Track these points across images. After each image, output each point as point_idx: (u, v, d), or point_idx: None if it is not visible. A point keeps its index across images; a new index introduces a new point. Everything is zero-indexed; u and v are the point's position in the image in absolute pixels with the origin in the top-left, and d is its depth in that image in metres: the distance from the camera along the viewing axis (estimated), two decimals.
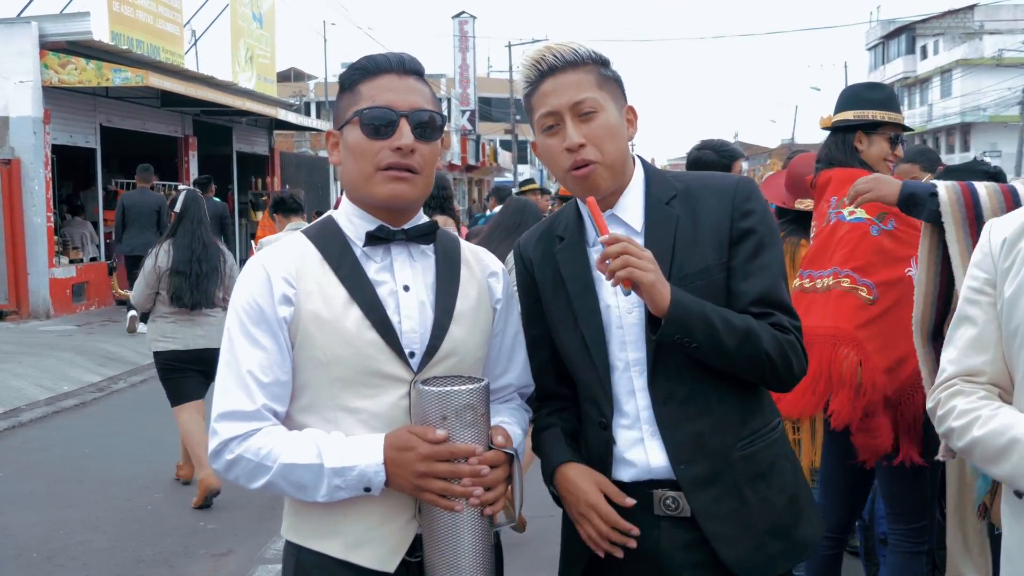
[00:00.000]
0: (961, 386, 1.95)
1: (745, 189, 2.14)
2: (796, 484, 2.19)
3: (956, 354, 1.99)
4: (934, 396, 2.01)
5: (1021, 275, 1.89)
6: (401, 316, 2.01)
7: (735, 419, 2.11)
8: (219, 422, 1.96)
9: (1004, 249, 1.94)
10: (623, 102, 2.16)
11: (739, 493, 2.09)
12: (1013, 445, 1.79)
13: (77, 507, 6.25)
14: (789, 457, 2.21)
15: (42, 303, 14.24)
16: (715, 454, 2.09)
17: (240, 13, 21.95)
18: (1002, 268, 1.93)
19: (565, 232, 2.23)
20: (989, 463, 1.86)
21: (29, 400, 9.39)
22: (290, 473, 1.93)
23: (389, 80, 2.02)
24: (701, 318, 1.98)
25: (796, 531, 2.15)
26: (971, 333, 1.97)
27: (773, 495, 2.12)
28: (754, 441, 2.13)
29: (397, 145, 1.97)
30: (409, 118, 1.99)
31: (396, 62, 2.03)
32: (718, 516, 2.08)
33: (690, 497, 2.08)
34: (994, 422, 1.84)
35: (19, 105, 14.09)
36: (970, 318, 1.98)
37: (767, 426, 2.17)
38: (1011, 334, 1.89)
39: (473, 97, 45.03)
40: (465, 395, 1.93)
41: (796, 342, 2.08)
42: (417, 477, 1.91)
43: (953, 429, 1.93)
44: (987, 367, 1.94)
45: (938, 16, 55.64)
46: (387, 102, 1.99)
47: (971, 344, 1.96)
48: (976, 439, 1.87)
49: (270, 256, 2.04)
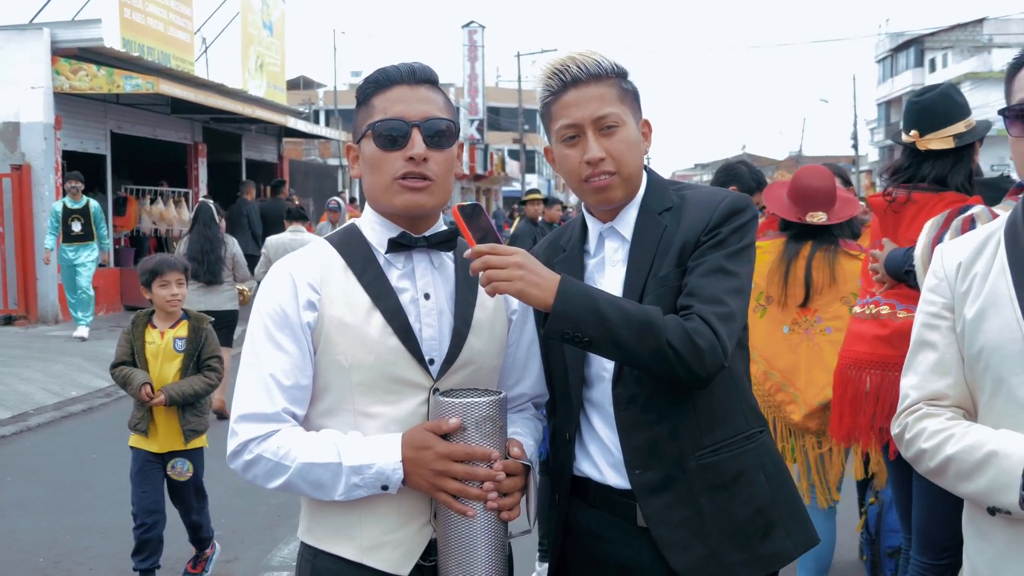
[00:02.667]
0: (927, 409, 1.95)
1: (727, 207, 2.10)
2: (772, 496, 2.15)
3: (918, 379, 1.98)
4: (900, 421, 1.99)
5: (981, 298, 1.89)
6: (422, 324, 2.04)
7: (696, 427, 2.09)
8: (239, 423, 1.99)
9: (960, 273, 1.95)
10: (640, 115, 2.18)
11: (694, 502, 2.08)
12: (989, 459, 1.78)
13: (84, 512, 6.25)
14: (767, 467, 2.17)
15: (51, 308, 14.27)
16: (670, 461, 2.08)
17: (250, 21, 22.02)
18: (959, 292, 1.94)
19: (568, 244, 2.25)
20: (964, 479, 1.84)
21: (37, 405, 9.41)
22: (308, 472, 1.95)
23: (400, 91, 2.04)
24: (591, 312, 1.93)
25: (764, 543, 2.12)
26: (932, 358, 1.97)
27: (735, 506, 2.10)
28: (718, 450, 2.10)
29: (410, 155, 2.00)
30: (421, 127, 2.01)
31: (407, 72, 2.06)
32: (670, 523, 2.07)
33: (642, 503, 2.08)
34: (968, 438, 1.84)
35: (30, 111, 14.15)
36: (930, 343, 1.98)
37: (738, 435, 2.14)
38: (974, 357, 1.90)
39: (482, 106, 45.13)
40: (485, 407, 1.95)
41: (706, 329, 1.96)
42: (434, 476, 1.92)
43: (924, 450, 1.91)
44: (950, 391, 1.94)
45: (947, 29, 55.63)
46: (398, 113, 2.02)
47: (933, 369, 1.96)
48: (950, 456, 1.86)
49: (295, 262, 2.07)
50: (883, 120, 62.96)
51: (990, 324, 1.87)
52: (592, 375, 2.17)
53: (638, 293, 2.08)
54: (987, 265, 1.92)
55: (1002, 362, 1.84)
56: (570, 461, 2.20)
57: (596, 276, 2.19)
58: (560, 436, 2.23)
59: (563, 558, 2.26)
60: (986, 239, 1.97)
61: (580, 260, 2.21)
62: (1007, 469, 1.75)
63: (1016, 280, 1.86)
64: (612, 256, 2.18)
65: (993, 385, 1.87)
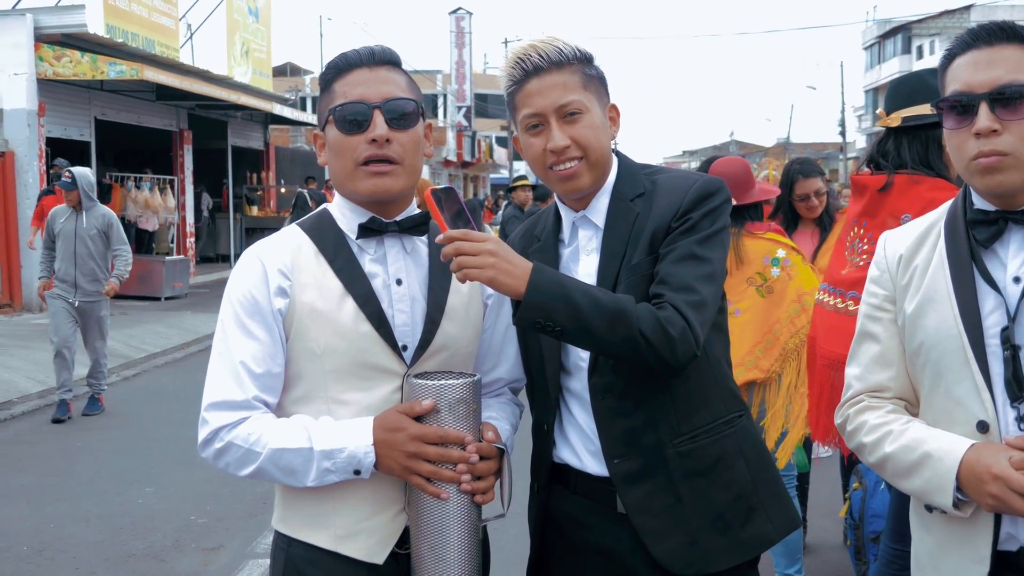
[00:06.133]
0: (869, 401, 1.96)
1: (697, 191, 2.07)
2: (753, 481, 2.14)
3: (860, 371, 2.00)
4: (842, 412, 2.01)
5: (920, 293, 1.90)
6: (394, 310, 2.03)
7: (674, 414, 2.08)
8: (209, 411, 1.97)
9: (901, 266, 1.95)
10: (606, 100, 2.15)
11: (673, 489, 2.07)
12: (924, 460, 1.81)
13: (68, 500, 6.23)
14: (747, 452, 2.16)
15: (35, 296, 14.20)
16: (648, 449, 2.07)
17: (236, 7, 21.92)
18: (900, 285, 1.95)
19: (542, 233, 2.24)
20: (900, 478, 1.88)
21: (21, 393, 9.38)
22: (280, 458, 1.93)
23: (360, 74, 2.02)
24: (563, 300, 1.90)
25: (745, 528, 2.12)
26: (874, 350, 1.98)
27: (715, 491, 2.09)
28: (696, 437, 2.09)
29: (372, 137, 1.98)
30: (383, 109, 1.99)
31: (366, 55, 2.04)
32: (650, 511, 2.07)
33: (621, 492, 2.08)
34: (905, 437, 1.86)
35: (13, 97, 14.07)
36: (872, 335, 1.99)
37: (717, 420, 2.13)
38: (914, 352, 1.91)
39: (469, 93, 44.99)
40: (458, 389, 1.94)
41: (678, 318, 1.94)
42: (406, 458, 1.91)
43: (864, 444, 1.94)
44: (892, 383, 1.96)
45: (934, 16, 55.67)
46: (359, 96, 2.00)
47: (875, 360, 1.98)
48: (887, 455, 1.88)
49: (265, 248, 2.05)
50: (871, 107, 63.07)
51: (929, 320, 1.87)
52: (570, 364, 2.16)
53: (611, 282, 2.07)
54: (927, 258, 1.92)
55: (940, 358, 1.85)
56: (550, 449, 2.20)
57: (571, 266, 2.17)
58: (539, 425, 2.23)
59: (543, 544, 2.25)
60: (927, 230, 1.96)
61: (555, 250, 2.20)
62: (941, 472, 1.78)
63: (954, 275, 1.86)
64: (586, 245, 2.16)
65: (932, 380, 1.88)
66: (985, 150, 1.78)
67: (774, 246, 4.29)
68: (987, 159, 1.78)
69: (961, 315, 1.83)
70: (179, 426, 7.90)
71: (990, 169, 1.79)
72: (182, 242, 19.40)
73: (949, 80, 1.87)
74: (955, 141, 1.85)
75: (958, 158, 1.85)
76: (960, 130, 1.82)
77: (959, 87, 1.83)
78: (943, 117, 1.86)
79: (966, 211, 1.89)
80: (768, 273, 4.18)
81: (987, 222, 1.85)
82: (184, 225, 19.51)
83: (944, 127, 1.88)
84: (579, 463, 2.15)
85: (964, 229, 1.89)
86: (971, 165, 1.81)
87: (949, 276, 1.87)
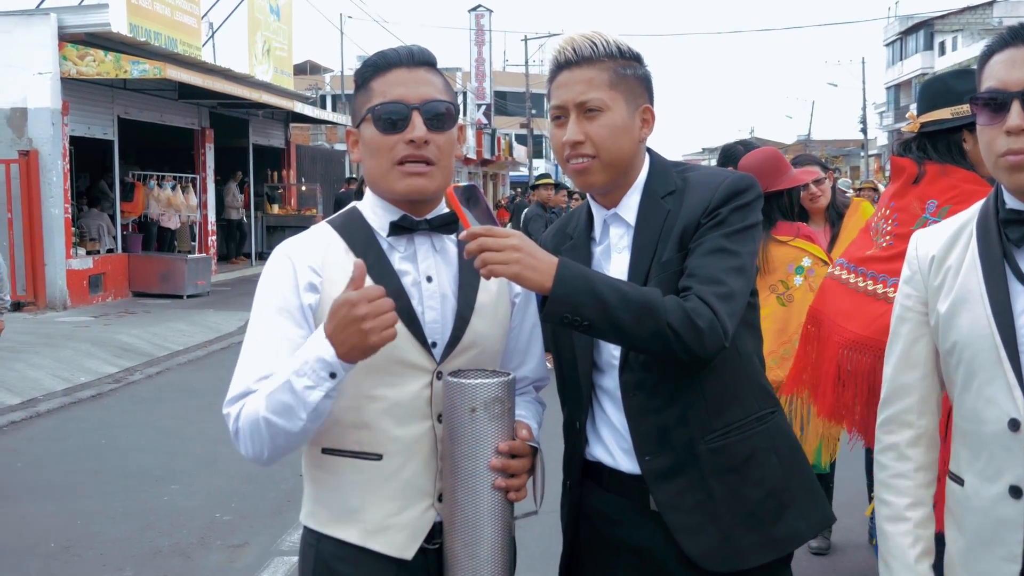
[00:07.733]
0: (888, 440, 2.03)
1: (728, 187, 2.07)
2: (785, 477, 2.14)
3: (891, 371, 2.04)
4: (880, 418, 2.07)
5: (954, 293, 1.89)
6: (424, 307, 2.03)
7: (705, 411, 2.08)
8: (227, 406, 1.97)
9: (933, 267, 1.96)
10: (642, 101, 2.13)
11: (705, 486, 2.07)
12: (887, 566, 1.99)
13: (94, 498, 6.27)
14: (779, 448, 2.15)
15: (59, 294, 14.32)
16: (680, 446, 2.07)
17: (257, 6, 22.01)
18: (933, 286, 1.95)
19: (574, 231, 2.24)
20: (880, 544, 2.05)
21: (46, 391, 9.44)
22: (273, 404, 1.87)
23: (399, 74, 2.03)
24: (590, 294, 1.89)
25: (777, 526, 2.11)
26: (902, 349, 2.02)
27: (747, 488, 2.09)
28: (728, 433, 2.09)
29: (410, 138, 1.98)
30: (421, 110, 2.00)
31: (406, 55, 2.05)
32: (682, 508, 2.07)
33: (654, 489, 2.08)
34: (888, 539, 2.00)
35: (37, 97, 14.16)
36: (902, 335, 2.02)
37: (748, 417, 2.12)
38: (947, 352, 1.92)
39: (489, 91, 45.04)
40: (495, 388, 1.94)
41: (706, 309, 1.93)
42: (359, 322, 1.80)
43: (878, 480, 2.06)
44: (917, 383, 2.00)
45: (956, 12, 55.27)
46: (398, 96, 2.00)
47: (903, 360, 2.01)
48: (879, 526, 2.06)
49: (295, 245, 2.06)
50: (892, 104, 62.71)
51: (962, 320, 1.87)
52: (603, 362, 2.16)
53: (642, 280, 2.06)
54: (959, 259, 1.92)
55: (973, 358, 1.85)
56: (582, 446, 2.20)
57: (603, 263, 2.17)
58: (571, 422, 2.22)
59: (576, 541, 2.25)
60: (959, 230, 1.96)
61: (587, 248, 2.20)
62: None
63: (987, 276, 1.85)
64: (617, 243, 2.16)
65: (964, 380, 1.89)
66: (1015, 147, 1.79)
67: (800, 254, 4.26)
68: (1016, 156, 1.79)
69: (993, 314, 1.82)
70: (203, 423, 7.95)
71: (1019, 167, 1.79)
72: (204, 240, 19.50)
73: (985, 76, 1.87)
74: (986, 137, 1.85)
75: (988, 154, 1.86)
76: (992, 126, 1.83)
77: (994, 84, 1.83)
78: (976, 112, 1.86)
79: (998, 211, 1.89)
80: (791, 281, 4.16)
81: (1020, 221, 1.85)
82: (206, 223, 19.61)
83: (977, 123, 1.88)
84: (612, 460, 2.15)
85: (996, 229, 1.88)
86: (999, 161, 1.82)
87: (982, 276, 1.86)
